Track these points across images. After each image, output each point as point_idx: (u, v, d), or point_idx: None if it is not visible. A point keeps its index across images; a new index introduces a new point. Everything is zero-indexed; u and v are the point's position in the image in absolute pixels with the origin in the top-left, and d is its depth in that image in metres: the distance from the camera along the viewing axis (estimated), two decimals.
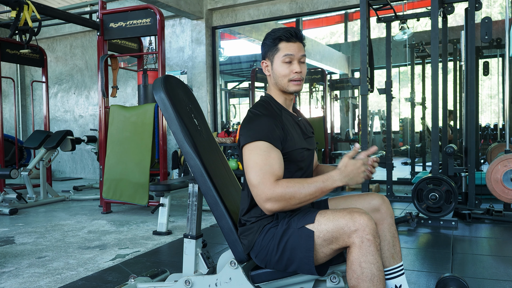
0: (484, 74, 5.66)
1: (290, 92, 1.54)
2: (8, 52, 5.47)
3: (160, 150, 4.20)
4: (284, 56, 1.49)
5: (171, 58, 6.84)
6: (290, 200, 1.32)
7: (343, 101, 8.94)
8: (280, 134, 1.43)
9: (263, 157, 1.37)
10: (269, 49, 1.53)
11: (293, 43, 1.50)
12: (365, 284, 1.29)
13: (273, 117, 1.46)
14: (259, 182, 1.34)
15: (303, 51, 1.53)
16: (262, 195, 1.34)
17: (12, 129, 8.27)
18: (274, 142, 1.40)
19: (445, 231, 3.37)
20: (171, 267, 2.53)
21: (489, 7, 6.37)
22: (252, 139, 1.40)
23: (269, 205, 1.34)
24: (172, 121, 1.63)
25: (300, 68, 1.51)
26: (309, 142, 1.60)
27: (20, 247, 3.13)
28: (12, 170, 4.40)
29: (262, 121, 1.43)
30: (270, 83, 1.58)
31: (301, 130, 1.58)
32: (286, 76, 1.51)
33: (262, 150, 1.38)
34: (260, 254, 1.45)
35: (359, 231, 1.29)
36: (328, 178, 1.34)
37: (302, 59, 1.52)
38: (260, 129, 1.41)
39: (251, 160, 1.38)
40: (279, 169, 1.38)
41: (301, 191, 1.32)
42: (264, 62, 1.56)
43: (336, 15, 9.23)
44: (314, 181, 1.34)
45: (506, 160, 3.61)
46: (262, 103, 1.55)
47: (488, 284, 2.21)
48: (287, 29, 1.51)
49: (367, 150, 1.39)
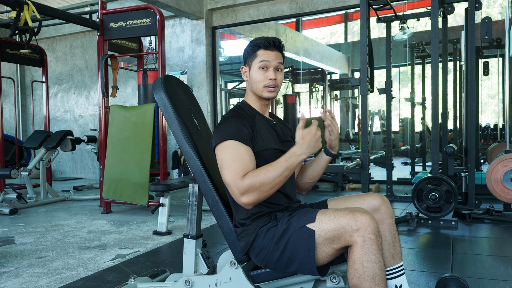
0: (484, 74, 5.67)
1: (265, 98, 1.59)
2: (8, 52, 5.47)
3: (160, 150, 4.20)
4: (261, 62, 1.54)
5: (171, 58, 6.83)
6: (261, 188, 1.35)
7: (343, 101, 8.94)
8: (248, 132, 1.47)
9: (232, 155, 1.41)
10: (248, 55, 1.59)
11: (271, 51, 1.55)
12: (367, 283, 1.28)
13: (241, 118, 1.51)
14: (231, 179, 1.38)
15: (281, 59, 1.58)
16: (235, 191, 1.37)
17: (12, 129, 8.27)
18: (242, 140, 1.44)
19: (445, 231, 3.37)
20: (171, 267, 2.53)
21: (489, 7, 6.36)
22: (221, 139, 1.44)
23: (244, 199, 1.37)
24: (172, 121, 1.63)
25: (275, 75, 1.55)
26: (286, 145, 1.61)
27: (20, 247, 3.13)
28: (12, 170, 4.40)
29: (229, 122, 1.49)
30: (248, 89, 1.63)
31: (276, 133, 1.61)
32: (261, 82, 1.55)
33: (231, 148, 1.42)
34: (261, 254, 1.45)
35: (361, 230, 1.29)
36: (291, 155, 1.38)
37: (278, 67, 1.57)
38: (228, 129, 1.46)
39: (222, 159, 1.42)
40: (249, 163, 1.41)
41: (268, 176, 1.35)
42: (244, 68, 1.62)
43: (336, 15, 9.22)
44: (278, 162, 1.38)
45: (506, 160, 3.61)
46: (235, 108, 1.61)
47: (488, 284, 2.21)
48: (267, 37, 1.57)
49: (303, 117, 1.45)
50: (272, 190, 1.37)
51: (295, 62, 8.24)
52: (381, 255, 1.31)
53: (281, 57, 1.58)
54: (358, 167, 3.45)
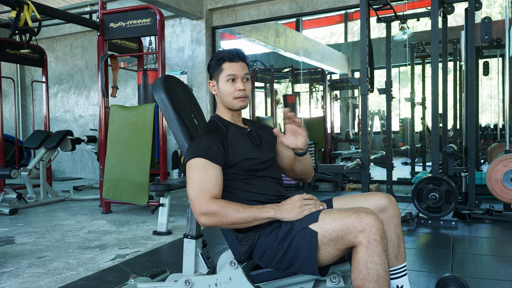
0: (484, 74, 5.66)
1: (236, 109, 1.62)
2: (8, 52, 5.47)
3: (160, 150, 4.20)
4: (228, 76, 1.57)
5: (171, 58, 6.84)
6: (223, 219, 1.39)
7: (343, 101, 8.93)
8: (218, 149, 1.49)
9: (200, 174, 1.44)
10: (214, 69, 1.62)
11: (236, 63, 1.59)
12: (370, 285, 1.28)
13: (213, 134, 1.53)
14: (195, 197, 1.42)
15: (246, 69, 1.61)
16: (197, 209, 1.41)
17: (12, 129, 8.27)
18: (211, 158, 1.47)
19: (445, 231, 3.37)
20: (171, 267, 2.53)
21: (489, 7, 6.36)
22: (191, 156, 1.48)
23: (203, 219, 1.41)
24: (172, 121, 1.63)
25: (243, 86, 1.59)
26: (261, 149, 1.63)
27: (20, 247, 3.13)
28: (12, 170, 4.40)
29: (201, 139, 1.51)
30: (218, 102, 1.66)
31: (250, 140, 1.63)
32: (231, 94, 1.59)
33: (199, 166, 1.46)
34: (265, 255, 1.46)
35: (365, 231, 1.28)
36: (263, 209, 1.42)
37: (245, 77, 1.60)
38: (199, 146, 1.49)
39: (189, 176, 1.46)
40: (214, 185, 1.45)
41: (235, 214, 1.39)
42: (211, 82, 1.64)
43: (336, 15, 9.21)
44: (250, 208, 1.41)
45: (506, 160, 3.61)
46: (209, 123, 1.64)
47: (488, 284, 2.21)
48: (230, 50, 1.60)
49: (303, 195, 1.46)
50: (232, 226, 1.42)
51: (295, 62, 8.24)
52: (386, 256, 1.30)
53: (246, 67, 1.62)
54: (358, 167, 3.45)
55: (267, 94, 8.39)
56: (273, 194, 1.60)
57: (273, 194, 1.59)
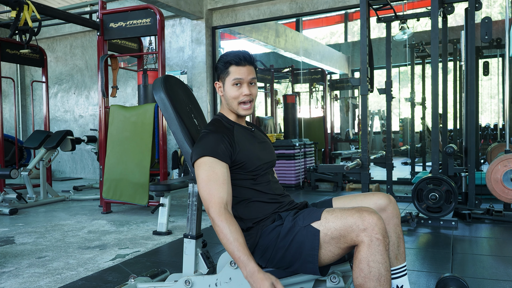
0: (484, 74, 5.66)
1: (241, 115, 1.62)
2: (8, 52, 5.47)
3: (160, 150, 4.20)
4: (234, 80, 1.56)
5: (171, 58, 6.83)
6: (219, 234, 1.36)
7: (343, 101, 8.94)
8: (226, 148, 1.48)
9: (208, 173, 1.44)
10: (221, 72, 1.60)
11: (243, 67, 1.56)
12: (372, 284, 1.28)
13: (220, 133, 1.52)
14: (206, 198, 1.42)
15: (253, 73, 1.59)
16: (208, 211, 1.40)
17: (12, 129, 8.27)
18: (219, 156, 1.46)
19: (445, 231, 3.37)
20: (171, 267, 2.53)
21: (489, 7, 6.36)
22: (199, 155, 1.47)
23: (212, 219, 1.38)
24: (172, 121, 1.63)
25: (249, 91, 1.57)
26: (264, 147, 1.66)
27: (20, 247, 3.13)
28: (12, 170, 4.40)
29: (208, 138, 1.50)
30: (223, 103, 1.66)
31: (256, 140, 1.65)
32: (236, 99, 1.57)
33: (207, 165, 1.45)
34: (266, 254, 1.46)
35: (368, 230, 1.29)
36: (244, 262, 1.29)
37: (252, 82, 1.59)
38: (207, 145, 1.48)
39: (199, 176, 1.46)
40: (222, 184, 1.43)
41: (229, 243, 1.32)
42: (217, 83, 1.63)
43: (336, 15, 9.22)
44: (241, 249, 1.31)
45: (506, 160, 3.61)
46: (213, 121, 1.62)
47: (488, 284, 2.21)
48: (237, 53, 1.57)
49: None
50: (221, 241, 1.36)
51: (295, 62, 8.25)
52: (388, 255, 1.30)
53: (254, 71, 1.59)
54: (358, 167, 3.45)
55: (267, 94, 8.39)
56: (276, 193, 1.60)
57: (277, 194, 1.60)
